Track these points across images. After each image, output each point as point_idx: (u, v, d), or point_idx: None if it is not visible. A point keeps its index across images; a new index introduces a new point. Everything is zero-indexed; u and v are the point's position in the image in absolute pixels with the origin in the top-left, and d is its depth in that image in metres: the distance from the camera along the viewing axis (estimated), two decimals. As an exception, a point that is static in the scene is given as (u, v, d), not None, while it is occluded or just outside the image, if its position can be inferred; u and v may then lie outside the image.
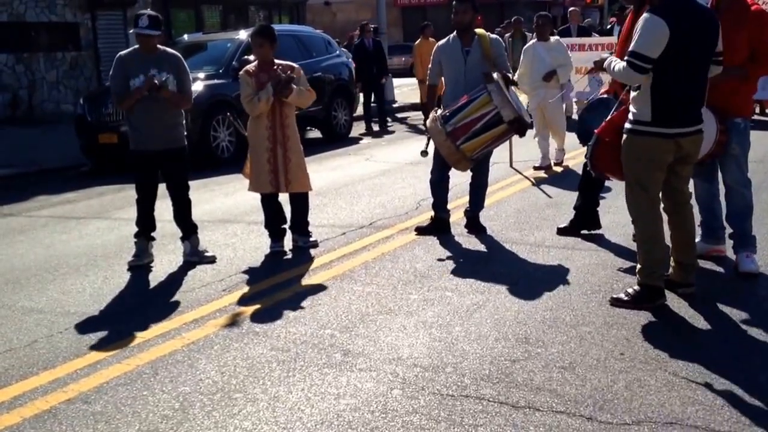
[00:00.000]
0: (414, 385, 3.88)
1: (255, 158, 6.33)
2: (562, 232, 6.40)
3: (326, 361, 4.22)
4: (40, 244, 7.29)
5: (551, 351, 4.15)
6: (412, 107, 18.44)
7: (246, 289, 5.53)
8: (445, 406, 3.64)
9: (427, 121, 6.33)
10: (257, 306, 5.12)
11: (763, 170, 8.42)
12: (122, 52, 6.30)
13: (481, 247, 6.33)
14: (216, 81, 11.58)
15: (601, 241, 6.21)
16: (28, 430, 3.62)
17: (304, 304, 5.12)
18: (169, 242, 6.77)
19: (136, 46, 6.18)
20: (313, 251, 6.38)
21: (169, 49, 6.31)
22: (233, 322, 4.86)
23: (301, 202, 6.51)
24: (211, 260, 6.19)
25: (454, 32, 6.59)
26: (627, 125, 4.68)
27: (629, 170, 4.73)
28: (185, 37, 14.37)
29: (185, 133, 6.35)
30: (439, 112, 6.23)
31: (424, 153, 6.77)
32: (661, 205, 4.79)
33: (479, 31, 6.54)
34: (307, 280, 5.66)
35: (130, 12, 18.32)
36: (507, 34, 15.50)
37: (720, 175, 5.41)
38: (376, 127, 15.48)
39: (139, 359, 4.37)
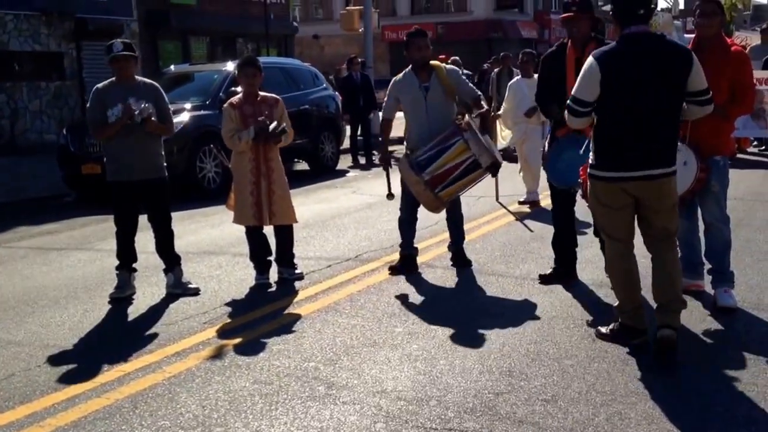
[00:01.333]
0: (398, 418, 3.91)
1: (238, 190, 6.37)
2: (545, 280, 6.13)
3: (309, 394, 4.24)
4: (19, 276, 7.29)
5: (534, 384, 4.19)
6: (399, 140, 18.56)
7: (229, 321, 5.55)
8: (429, 440, 3.67)
9: (400, 168, 6.27)
10: (240, 339, 5.14)
11: (742, 207, 8.53)
12: (99, 85, 6.32)
13: (467, 280, 6.39)
14: (203, 112, 11.66)
15: (584, 273, 6.27)
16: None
17: (288, 336, 5.15)
18: (152, 274, 6.79)
19: (113, 78, 6.22)
20: (298, 284, 6.41)
21: (146, 79, 6.37)
22: (216, 354, 4.88)
23: (285, 235, 6.54)
24: (195, 292, 6.21)
25: (409, 67, 6.49)
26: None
27: (593, 214, 4.90)
28: (172, 67, 14.50)
29: (165, 164, 6.38)
30: (410, 156, 6.21)
31: (390, 196, 6.84)
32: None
33: (434, 63, 6.46)
34: (291, 313, 5.68)
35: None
36: (495, 70, 15.71)
37: (700, 211, 5.47)
38: (362, 160, 15.59)
39: (118, 393, 4.37)
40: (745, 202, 8.98)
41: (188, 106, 11.69)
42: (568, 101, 4.55)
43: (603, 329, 4.82)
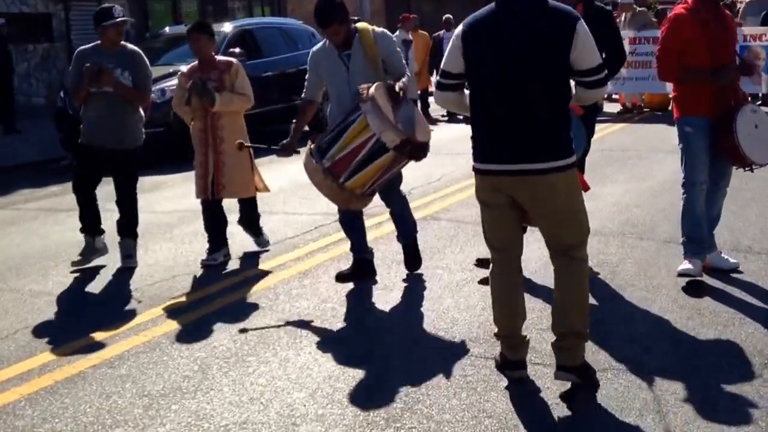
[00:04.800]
0: (410, 346, 4.62)
1: (195, 162, 6.48)
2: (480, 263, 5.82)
3: (329, 329, 4.95)
4: (35, 234, 7.95)
5: (531, 316, 4.86)
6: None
7: (249, 269, 6.26)
8: (438, 362, 4.38)
9: (303, 155, 5.31)
10: (263, 284, 5.86)
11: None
12: (82, 47, 6.49)
13: (468, 230, 7.06)
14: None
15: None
16: (62, 390, 4.31)
17: (305, 282, 5.85)
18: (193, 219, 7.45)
19: (98, 42, 6.38)
20: (309, 235, 7.09)
21: (130, 45, 6.49)
22: (240, 298, 5.59)
23: (245, 207, 6.65)
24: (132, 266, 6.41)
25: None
26: None
27: None
28: (167, 29, 15.00)
29: (143, 134, 6.49)
30: (316, 140, 5.25)
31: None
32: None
33: (360, 26, 5.59)
34: (306, 262, 6.37)
35: (104, 4, 18.89)
36: None
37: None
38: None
39: (154, 331, 5.08)
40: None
41: (185, 68, 12.22)
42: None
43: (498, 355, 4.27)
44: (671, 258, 5.83)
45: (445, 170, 9.85)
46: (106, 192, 6.74)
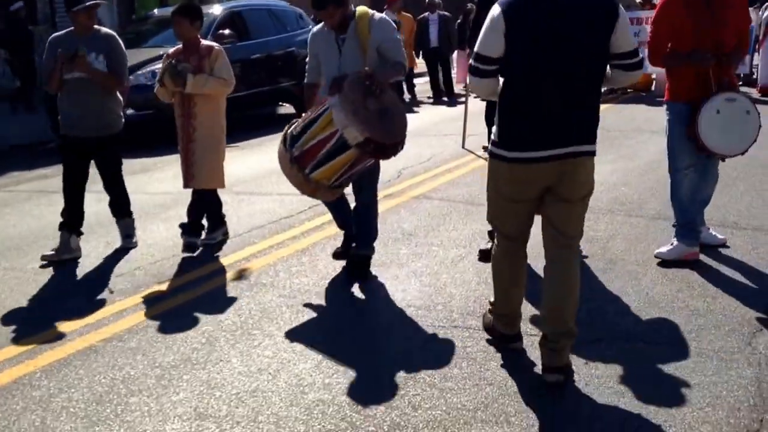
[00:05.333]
0: (410, 320, 4.80)
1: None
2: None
3: (330, 304, 5.14)
4: (30, 216, 8.05)
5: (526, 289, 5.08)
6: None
7: (249, 247, 6.41)
8: (438, 335, 4.57)
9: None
10: (263, 261, 6.02)
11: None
12: (56, 34, 6.38)
13: (460, 209, 7.24)
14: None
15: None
16: (75, 362, 4.46)
17: (303, 260, 6.02)
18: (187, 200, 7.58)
19: (71, 28, 6.25)
20: (304, 215, 7.24)
21: (104, 28, 6.38)
22: (241, 276, 5.74)
23: (201, 200, 6.43)
24: (133, 246, 6.50)
25: None
26: None
27: (488, 201, 4.20)
28: (155, 12, 15.04)
29: (120, 121, 6.41)
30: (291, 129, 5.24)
31: None
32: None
33: (360, 10, 5.44)
34: (302, 240, 6.53)
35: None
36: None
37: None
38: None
39: (161, 307, 5.24)
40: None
41: (171, 50, 12.31)
42: (471, 60, 3.93)
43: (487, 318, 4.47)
44: (660, 233, 6.04)
45: (433, 151, 10.04)
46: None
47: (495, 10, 3.74)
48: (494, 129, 3.95)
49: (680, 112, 5.40)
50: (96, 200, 8.19)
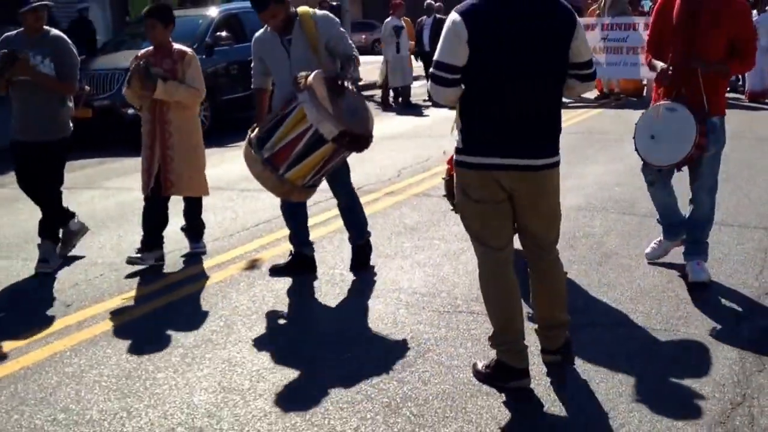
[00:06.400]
0: (415, 306, 5.14)
1: (141, 155, 6.23)
2: None
3: (340, 292, 5.46)
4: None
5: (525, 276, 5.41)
6: (377, 85, 19.68)
7: (256, 240, 6.73)
8: (444, 319, 4.91)
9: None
10: (272, 252, 6.35)
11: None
12: (7, 33, 6.24)
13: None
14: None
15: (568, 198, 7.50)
16: (102, 342, 4.78)
17: (311, 251, 6.35)
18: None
19: (22, 29, 6.12)
20: (310, 210, 7.54)
21: (54, 30, 6.22)
22: (252, 265, 6.08)
23: (190, 206, 6.40)
24: (47, 269, 6.11)
25: None
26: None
27: (461, 215, 4.13)
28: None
29: (70, 126, 6.26)
30: (255, 132, 5.23)
31: None
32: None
33: (301, 10, 5.47)
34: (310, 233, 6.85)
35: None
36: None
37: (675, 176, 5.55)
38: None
39: (179, 293, 5.58)
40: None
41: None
42: (431, 68, 3.86)
43: (479, 365, 4.15)
44: (651, 230, 6.38)
45: (431, 152, 10.36)
46: (87, 175, 7.14)
47: (454, 17, 3.71)
48: (456, 136, 3.94)
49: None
50: (104, 197, 8.51)
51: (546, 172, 3.85)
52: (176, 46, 6.13)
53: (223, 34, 13.52)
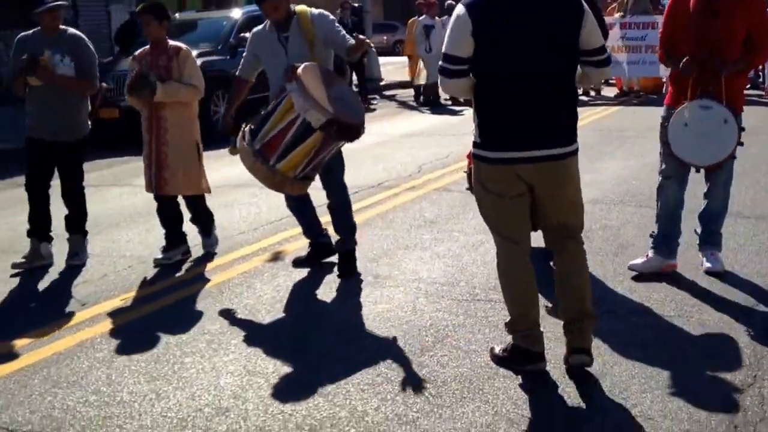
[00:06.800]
0: (435, 295, 5.27)
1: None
2: None
3: (362, 282, 5.60)
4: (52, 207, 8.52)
5: (538, 266, 5.48)
6: (399, 85, 19.83)
7: (280, 233, 6.89)
8: (462, 306, 5.04)
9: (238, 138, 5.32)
10: (295, 245, 6.50)
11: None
12: (23, 33, 6.27)
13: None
14: (214, 57, 12.84)
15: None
16: (130, 330, 4.96)
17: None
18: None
19: (38, 28, 6.14)
20: (320, 210, 7.67)
21: (71, 29, 6.26)
22: (275, 257, 6.24)
23: (192, 206, 6.36)
24: (78, 265, 6.23)
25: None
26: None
27: (480, 207, 4.19)
28: (177, 15, 15.60)
29: (88, 125, 6.32)
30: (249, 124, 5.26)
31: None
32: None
33: (299, 8, 5.55)
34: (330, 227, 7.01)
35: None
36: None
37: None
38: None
39: (202, 284, 5.74)
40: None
41: (196, 52, 12.84)
42: (440, 60, 3.93)
43: (497, 349, 4.28)
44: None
45: (452, 149, 10.49)
46: (114, 173, 7.30)
47: (459, 9, 3.77)
48: (473, 130, 3.98)
49: (666, 117, 5.36)
50: (132, 194, 8.71)
51: (565, 161, 3.87)
52: (171, 42, 6.16)
53: (247, 35, 13.55)
